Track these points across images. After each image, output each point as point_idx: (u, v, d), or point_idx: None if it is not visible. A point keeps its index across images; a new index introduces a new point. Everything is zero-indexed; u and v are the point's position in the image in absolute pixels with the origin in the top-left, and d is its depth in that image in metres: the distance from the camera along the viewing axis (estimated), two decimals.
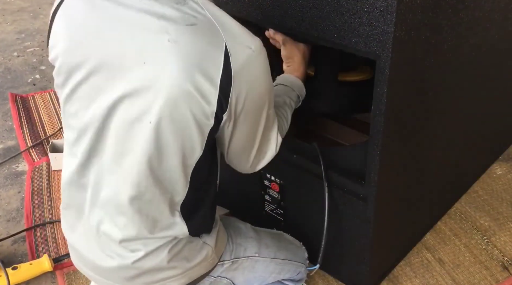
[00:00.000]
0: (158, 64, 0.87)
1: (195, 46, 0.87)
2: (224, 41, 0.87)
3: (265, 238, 1.26)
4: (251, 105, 0.94)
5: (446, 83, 1.30)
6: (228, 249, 1.18)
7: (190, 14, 0.88)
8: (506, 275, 1.54)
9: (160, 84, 0.87)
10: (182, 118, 0.89)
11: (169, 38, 0.86)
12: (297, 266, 1.31)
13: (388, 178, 1.23)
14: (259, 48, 0.91)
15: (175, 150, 0.92)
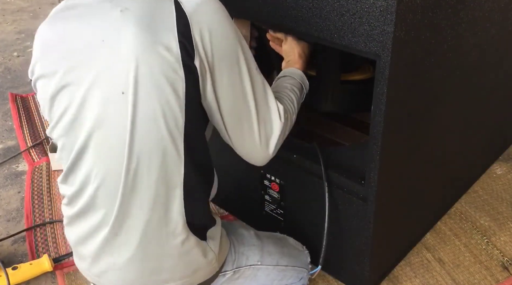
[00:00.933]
0: (114, 35, 0.90)
1: (145, 6, 0.91)
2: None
3: (267, 245, 1.25)
4: (221, 48, 0.93)
5: (446, 83, 1.30)
6: (230, 259, 1.17)
7: None
8: (506, 275, 1.54)
9: (122, 53, 0.89)
10: (151, 80, 0.89)
11: (121, 9, 0.90)
12: (299, 271, 1.30)
13: (388, 178, 1.23)
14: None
15: (156, 116, 0.91)
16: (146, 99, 0.89)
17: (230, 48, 0.95)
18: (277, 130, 1.04)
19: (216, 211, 1.79)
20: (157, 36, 0.88)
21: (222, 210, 1.79)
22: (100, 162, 0.96)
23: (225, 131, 1.01)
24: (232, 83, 0.96)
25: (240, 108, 0.99)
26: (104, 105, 0.91)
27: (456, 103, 1.41)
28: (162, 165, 0.94)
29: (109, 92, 0.90)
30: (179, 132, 0.93)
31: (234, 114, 0.98)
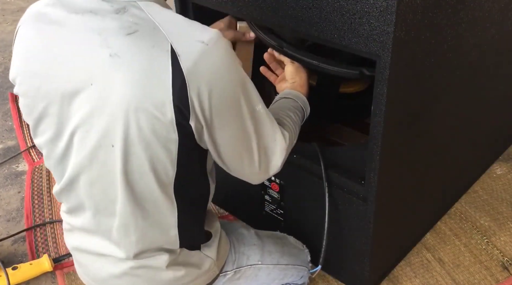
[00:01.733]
0: (104, 82, 0.81)
1: (137, 57, 0.80)
2: (169, 41, 0.80)
3: (268, 244, 1.25)
4: (221, 103, 0.85)
5: (446, 83, 1.30)
6: (231, 259, 1.17)
7: (131, 21, 0.81)
8: (506, 275, 1.54)
9: (110, 104, 0.81)
10: (141, 137, 0.83)
11: (111, 52, 0.80)
12: (299, 270, 1.30)
13: (388, 178, 1.23)
14: (214, 39, 0.82)
15: (145, 171, 0.87)
16: (136, 156, 0.86)
17: (231, 100, 0.87)
18: (279, 158, 1.01)
19: (216, 211, 1.79)
20: (150, 95, 0.80)
21: (222, 210, 1.79)
22: (91, 198, 0.96)
23: (222, 164, 0.97)
24: (233, 130, 0.90)
25: (241, 148, 0.94)
26: (94, 149, 0.88)
27: (456, 103, 1.41)
28: (153, 212, 0.94)
29: (98, 140, 0.86)
30: (169, 181, 0.91)
31: (234, 153, 0.94)
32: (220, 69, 0.83)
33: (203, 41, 0.81)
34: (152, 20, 0.82)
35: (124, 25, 0.81)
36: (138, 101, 0.80)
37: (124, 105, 0.81)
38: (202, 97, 0.81)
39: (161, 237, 0.99)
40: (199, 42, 0.81)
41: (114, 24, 0.81)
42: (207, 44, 0.81)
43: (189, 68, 0.79)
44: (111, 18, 0.82)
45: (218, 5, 1.28)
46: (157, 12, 0.83)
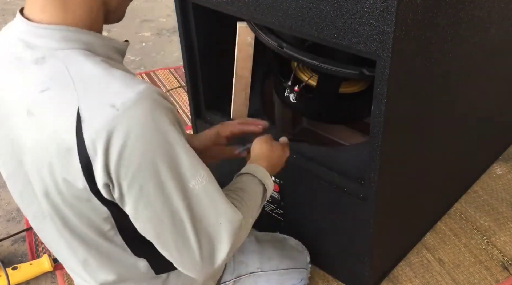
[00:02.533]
0: (22, 136, 0.77)
1: (47, 118, 0.73)
2: (78, 103, 0.70)
3: (267, 250, 1.24)
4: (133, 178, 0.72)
5: (446, 83, 1.30)
6: (230, 270, 1.16)
7: (46, 75, 0.74)
8: (506, 275, 1.54)
9: (26, 159, 0.79)
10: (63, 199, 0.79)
11: (28, 109, 0.75)
12: (299, 272, 1.30)
13: (388, 178, 1.23)
14: (129, 102, 0.69)
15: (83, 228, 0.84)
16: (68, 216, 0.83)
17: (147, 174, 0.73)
18: (227, 245, 0.83)
19: None
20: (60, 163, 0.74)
21: None
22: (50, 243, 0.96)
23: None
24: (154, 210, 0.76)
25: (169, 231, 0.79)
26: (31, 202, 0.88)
27: (456, 103, 1.41)
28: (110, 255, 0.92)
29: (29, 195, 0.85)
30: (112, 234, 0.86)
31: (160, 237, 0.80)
32: (130, 139, 0.69)
33: (114, 105, 0.69)
34: (68, 74, 0.73)
35: (39, 79, 0.74)
36: (46, 166, 0.75)
37: (35, 167, 0.77)
38: (110, 170, 0.71)
39: (131, 271, 0.96)
40: (108, 106, 0.69)
41: (32, 77, 0.75)
42: (118, 109, 0.68)
43: (92, 137, 0.69)
44: (30, 69, 0.75)
45: (218, 5, 1.28)
46: (77, 63, 0.74)
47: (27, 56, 0.76)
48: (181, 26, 1.46)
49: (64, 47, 0.75)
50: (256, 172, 1.00)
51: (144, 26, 3.26)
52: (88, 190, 0.75)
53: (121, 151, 0.70)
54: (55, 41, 0.75)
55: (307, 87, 1.37)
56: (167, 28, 3.28)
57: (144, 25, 3.27)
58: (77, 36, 0.76)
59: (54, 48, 0.75)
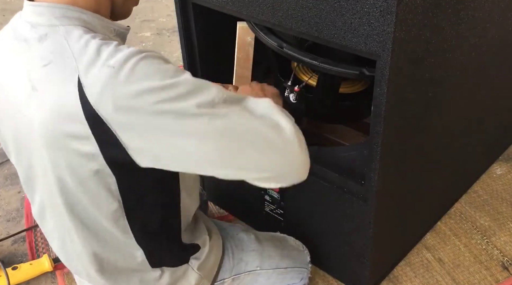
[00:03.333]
0: (29, 115, 0.80)
1: (50, 90, 0.76)
2: (78, 70, 0.74)
3: (267, 248, 1.25)
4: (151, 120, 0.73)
5: (446, 83, 1.30)
6: (229, 267, 1.16)
7: (49, 51, 0.77)
8: (506, 275, 1.54)
9: (34, 137, 0.80)
10: (70, 172, 0.81)
11: (32, 85, 0.78)
12: (299, 271, 1.30)
13: (388, 178, 1.23)
14: (123, 59, 0.73)
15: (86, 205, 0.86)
16: (71, 191, 0.85)
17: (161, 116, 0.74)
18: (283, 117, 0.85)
19: (216, 211, 1.79)
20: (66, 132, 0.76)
21: (222, 210, 1.79)
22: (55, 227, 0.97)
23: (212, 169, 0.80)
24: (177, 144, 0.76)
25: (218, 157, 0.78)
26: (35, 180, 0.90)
27: (456, 103, 1.41)
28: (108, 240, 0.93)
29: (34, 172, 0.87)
30: (118, 214, 0.88)
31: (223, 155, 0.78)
32: (132, 87, 0.72)
33: (110, 64, 0.73)
34: (68, 47, 0.76)
35: (42, 55, 0.77)
36: (55, 138, 0.77)
37: (44, 141, 0.79)
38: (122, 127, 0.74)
39: (128, 260, 0.97)
40: (105, 67, 0.73)
41: (35, 54, 0.78)
42: (113, 66, 0.72)
43: (95, 100, 0.72)
44: (34, 47, 0.79)
45: (218, 5, 1.28)
46: (76, 38, 0.77)
47: (32, 35, 0.80)
48: (181, 26, 1.46)
49: (65, 23, 0.80)
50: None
51: (144, 26, 3.26)
52: (99, 153, 0.77)
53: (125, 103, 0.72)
54: (55, 18, 0.80)
55: (307, 87, 1.37)
56: (167, 28, 3.29)
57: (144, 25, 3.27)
58: (78, 15, 0.81)
59: (55, 24, 0.80)
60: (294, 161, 0.82)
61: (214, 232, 1.15)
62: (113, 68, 0.72)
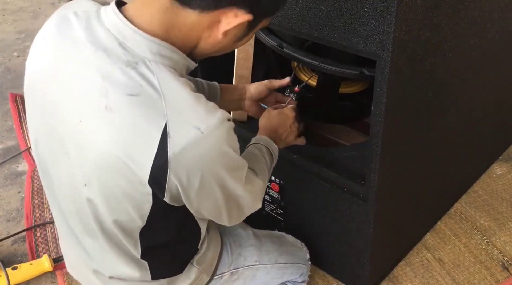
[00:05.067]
0: (91, 128, 0.80)
1: (129, 121, 0.77)
2: (166, 118, 0.75)
3: (266, 244, 1.25)
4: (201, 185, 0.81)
5: (446, 83, 1.30)
6: (227, 262, 1.16)
7: (137, 81, 0.77)
8: (506, 275, 1.54)
9: (90, 150, 0.81)
10: (113, 190, 0.83)
11: (106, 105, 0.77)
12: (298, 267, 1.31)
13: (388, 178, 1.23)
14: (212, 127, 0.77)
15: (107, 218, 0.88)
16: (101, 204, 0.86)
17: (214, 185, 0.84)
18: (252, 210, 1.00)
19: None
20: (129, 159, 0.78)
21: None
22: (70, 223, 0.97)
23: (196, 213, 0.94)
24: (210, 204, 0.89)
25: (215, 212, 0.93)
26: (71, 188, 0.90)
27: (456, 103, 1.41)
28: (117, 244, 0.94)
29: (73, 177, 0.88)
30: (135, 229, 0.90)
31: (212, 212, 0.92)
32: (207, 157, 0.79)
33: (199, 128, 0.76)
34: (159, 88, 0.77)
35: (129, 83, 0.77)
36: (115, 162, 0.78)
37: (103, 159, 0.79)
38: (181, 178, 0.79)
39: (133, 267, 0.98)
40: (194, 128, 0.76)
41: (119, 77, 0.77)
42: (203, 132, 0.76)
43: (175, 153, 0.76)
44: (119, 68, 0.78)
45: None
46: (167, 80, 0.78)
47: (119, 53, 0.79)
48: None
49: (158, 60, 0.79)
50: (260, 140, 1.13)
51: None
52: (150, 192, 0.81)
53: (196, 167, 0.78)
54: (150, 52, 0.79)
55: (307, 87, 1.37)
56: None
57: None
58: (170, 54, 0.81)
59: (148, 58, 0.79)
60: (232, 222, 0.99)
61: (212, 228, 1.16)
62: (202, 133, 0.76)
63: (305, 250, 1.35)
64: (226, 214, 0.93)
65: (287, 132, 1.22)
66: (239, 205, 0.94)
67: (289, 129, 1.23)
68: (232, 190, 0.88)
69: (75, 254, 1.04)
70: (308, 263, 1.35)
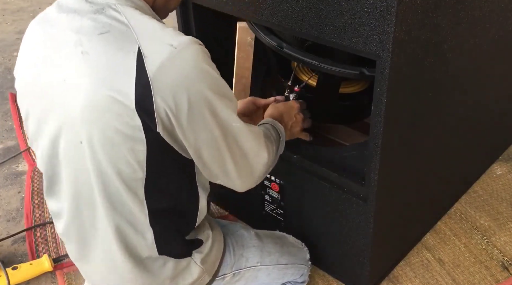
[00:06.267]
0: (74, 78, 0.84)
1: (104, 55, 0.82)
2: (138, 43, 0.80)
3: (267, 245, 1.25)
4: (189, 108, 0.82)
5: (446, 83, 1.30)
6: (230, 263, 1.16)
7: (106, 22, 0.83)
8: (506, 275, 1.54)
9: (78, 99, 0.83)
10: (106, 134, 0.84)
11: (82, 50, 0.83)
12: (299, 268, 1.31)
13: (388, 178, 1.23)
14: (184, 43, 0.81)
15: (111, 170, 0.88)
16: (101, 155, 0.87)
17: (198, 107, 0.83)
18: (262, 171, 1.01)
19: (216, 211, 1.79)
20: (114, 96, 0.80)
21: (222, 210, 1.79)
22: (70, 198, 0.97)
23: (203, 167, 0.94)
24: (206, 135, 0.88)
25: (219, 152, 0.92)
26: (68, 149, 0.91)
27: (456, 103, 1.41)
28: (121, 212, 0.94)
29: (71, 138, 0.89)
30: (139, 184, 0.90)
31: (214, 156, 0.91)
32: (188, 74, 0.81)
33: (172, 45, 0.80)
34: (126, 22, 0.83)
35: (98, 25, 0.83)
36: (103, 100, 0.81)
37: (91, 102, 0.82)
38: (167, 100, 0.80)
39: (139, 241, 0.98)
40: (168, 45, 0.80)
41: (89, 23, 0.84)
42: (176, 47, 0.80)
43: (153, 71, 0.79)
44: (88, 17, 0.84)
45: (218, 5, 1.28)
46: (133, 16, 0.84)
47: (86, 7, 0.85)
48: (181, 26, 1.46)
49: (122, 3, 0.85)
50: (265, 121, 1.17)
51: None
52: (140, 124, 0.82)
53: (179, 84, 0.80)
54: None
55: (307, 87, 1.37)
56: None
57: None
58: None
59: (113, 3, 0.85)
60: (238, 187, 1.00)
61: (216, 228, 1.16)
62: (175, 49, 0.80)
63: (305, 251, 1.36)
64: (231, 161, 0.92)
65: (292, 122, 1.24)
66: (241, 148, 0.93)
67: (294, 118, 1.25)
68: (225, 119, 0.88)
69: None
70: (308, 264, 1.35)
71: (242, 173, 0.97)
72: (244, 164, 0.96)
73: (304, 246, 1.37)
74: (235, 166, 0.94)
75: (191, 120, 0.84)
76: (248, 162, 0.97)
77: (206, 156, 0.90)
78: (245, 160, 0.96)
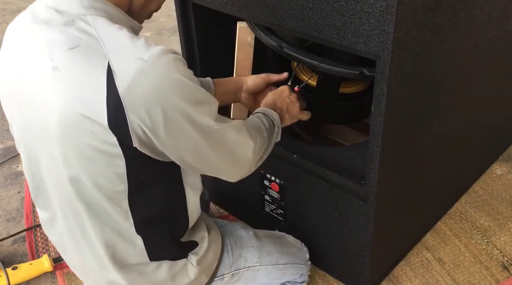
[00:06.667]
0: (47, 94, 0.82)
1: (74, 72, 0.80)
2: (107, 58, 0.78)
3: (266, 245, 1.25)
4: (164, 121, 0.80)
5: (446, 83, 1.30)
6: (228, 263, 1.16)
7: (75, 35, 0.81)
8: (506, 275, 1.54)
9: (53, 115, 0.82)
10: (82, 150, 0.83)
11: (53, 65, 0.81)
12: (298, 268, 1.31)
13: (388, 178, 1.23)
14: (155, 55, 0.79)
15: (90, 185, 0.87)
16: (79, 170, 0.86)
17: (179, 118, 0.82)
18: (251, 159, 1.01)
19: (216, 211, 1.79)
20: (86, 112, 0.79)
21: (222, 210, 1.79)
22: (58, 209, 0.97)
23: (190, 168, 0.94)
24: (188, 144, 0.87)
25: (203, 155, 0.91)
26: (48, 164, 0.91)
27: (456, 103, 1.41)
28: (106, 222, 0.93)
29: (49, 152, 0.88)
30: (122, 196, 0.89)
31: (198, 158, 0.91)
32: (159, 87, 0.78)
33: (142, 58, 0.78)
34: (96, 35, 0.81)
35: (68, 39, 0.81)
36: (75, 118, 0.80)
37: (64, 120, 0.81)
38: (141, 116, 0.79)
39: (128, 249, 0.98)
40: (137, 59, 0.78)
41: (60, 37, 0.82)
42: (146, 61, 0.78)
43: (124, 87, 0.77)
44: (59, 30, 0.82)
45: (218, 5, 1.28)
46: (103, 26, 0.82)
47: (56, 18, 0.83)
48: (181, 26, 1.46)
49: (92, 13, 0.83)
50: (258, 110, 1.15)
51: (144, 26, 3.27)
52: (115, 141, 0.81)
53: (150, 99, 0.78)
54: (83, 7, 0.83)
55: (307, 87, 1.37)
56: (167, 28, 3.29)
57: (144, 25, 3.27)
58: (104, 7, 0.85)
59: (83, 13, 0.83)
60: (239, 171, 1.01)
61: (213, 229, 1.16)
62: (146, 62, 0.78)
63: (305, 251, 1.36)
64: (218, 158, 0.92)
65: (287, 103, 1.22)
66: (226, 145, 0.92)
67: (288, 100, 1.23)
68: (204, 125, 0.86)
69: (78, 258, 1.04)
70: (308, 264, 1.35)
71: (231, 165, 0.97)
72: (231, 157, 0.96)
73: (304, 246, 1.36)
74: (223, 161, 0.94)
75: (169, 132, 0.82)
76: (234, 154, 0.96)
77: (190, 160, 0.90)
78: (231, 154, 0.96)
